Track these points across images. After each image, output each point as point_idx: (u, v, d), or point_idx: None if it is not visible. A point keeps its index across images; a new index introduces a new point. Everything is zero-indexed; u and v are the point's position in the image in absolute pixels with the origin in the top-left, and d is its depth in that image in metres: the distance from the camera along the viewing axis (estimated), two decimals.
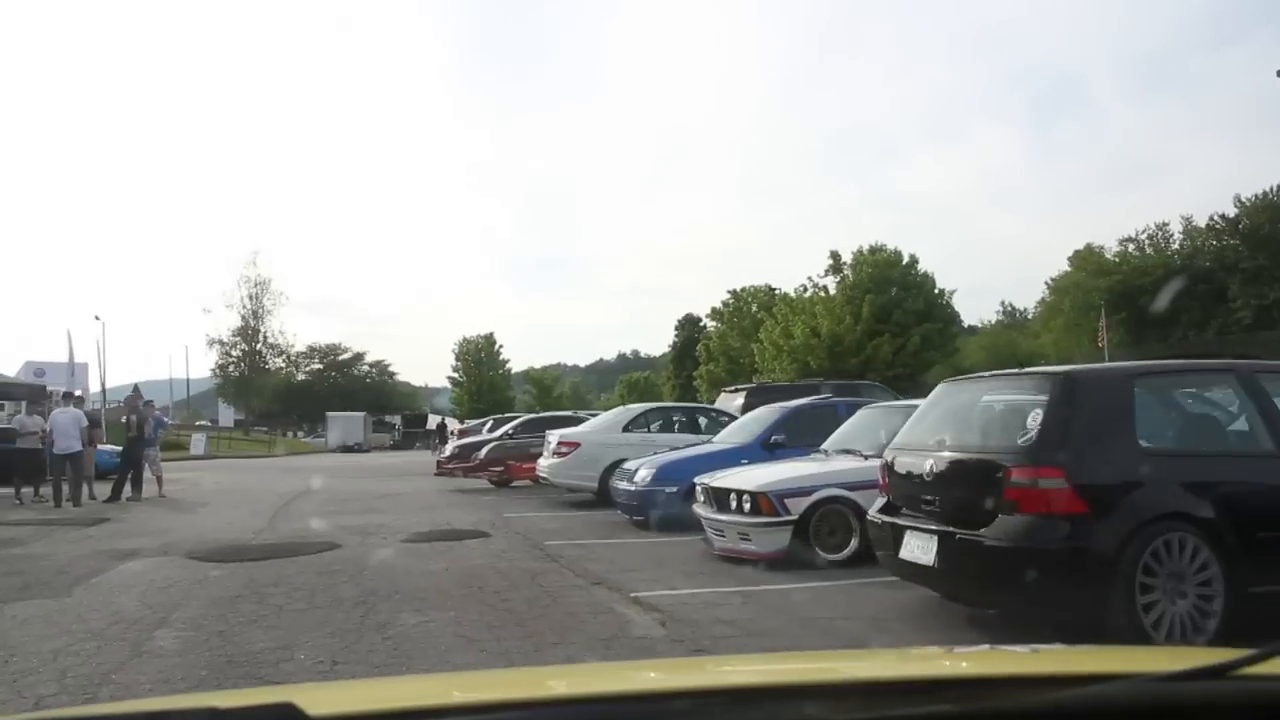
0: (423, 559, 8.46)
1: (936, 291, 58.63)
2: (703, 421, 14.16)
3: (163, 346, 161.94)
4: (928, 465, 5.32)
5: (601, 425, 13.91)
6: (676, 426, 14.18)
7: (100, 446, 18.10)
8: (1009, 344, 74.07)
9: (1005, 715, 1.06)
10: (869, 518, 5.95)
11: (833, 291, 58.40)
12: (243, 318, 57.72)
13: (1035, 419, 4.89)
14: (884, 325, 54.06)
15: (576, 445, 13.29)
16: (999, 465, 4.92)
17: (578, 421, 23.17)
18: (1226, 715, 1.04)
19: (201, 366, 62.92)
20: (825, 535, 7.66)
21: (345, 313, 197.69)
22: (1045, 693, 1.07)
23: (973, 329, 79.43)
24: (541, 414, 24.96)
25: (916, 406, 8.64)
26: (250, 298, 57.71)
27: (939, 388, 6.01)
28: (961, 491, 5.13)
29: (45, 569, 8.17)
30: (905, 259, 58.70)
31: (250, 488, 18.71)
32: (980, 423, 5.69)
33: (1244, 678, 1.04)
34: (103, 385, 55.46)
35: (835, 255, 59.84)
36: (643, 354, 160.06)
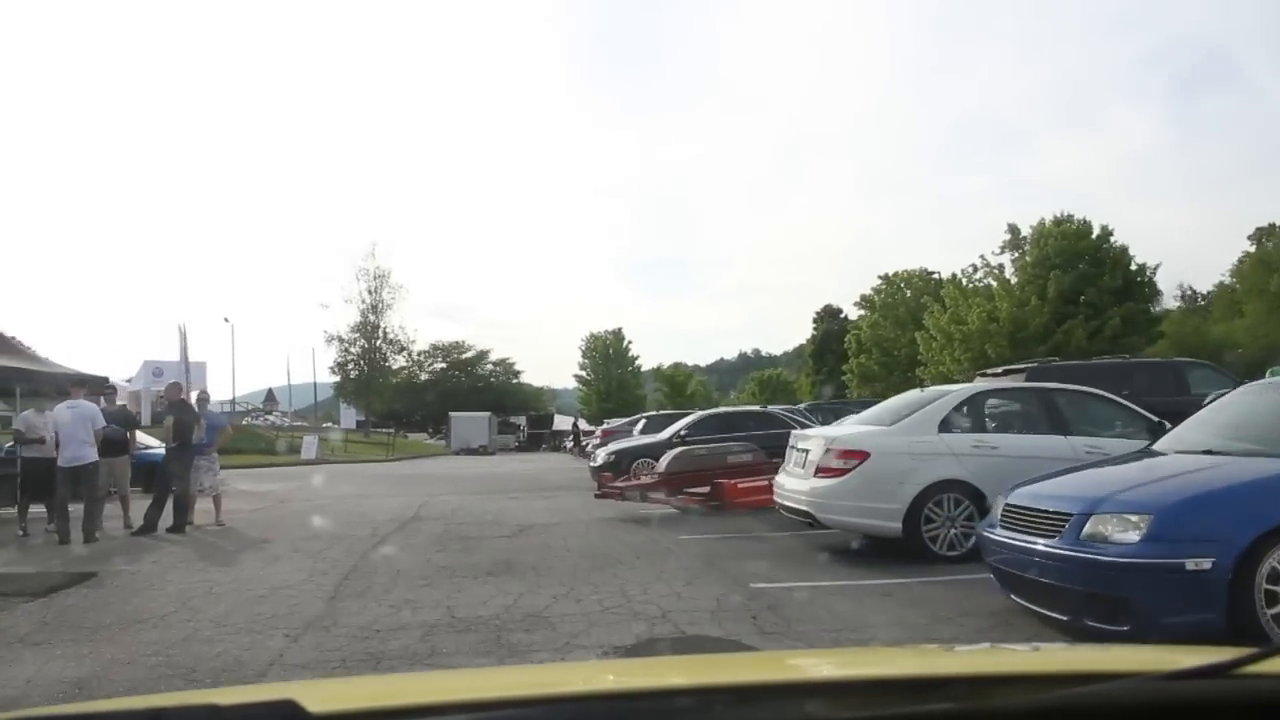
0: None
1: (1134, 267, 50.41)
2: (1068, 412, 8.13)
3: (291, 350, 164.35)
4: None
5: (897, 422, 7.97)
6: (1024, 422, 8.23)
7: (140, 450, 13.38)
8: (1195, 330, 65.13)
9: (1007, 714, 1.03)
10: None
11: (1010, 270, 50.99)
12: (361, 312, 53.93)
13: None
14: (1074, 307, 46.45)
15: (863, 457, 7.48)
16: None
17: (769, 418, 17.45)
18: (1228, 714, 1.00)
19: (328, 369, 59.56)
20: None
21: (472, 316, 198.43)
22: (1047, 691, 1.02)
23: None
24: (721, 409, 19.32)
25: None
26: (369, 291, 53.88)
27: None
28: None
29: None
30: (1096, 230, 50.64)
31: (343, 510, 13.73)
32: None
33: (1245, 676, 1.00)
34: (233, 388, 53.25)
35: (1013, 229, 52.08)
36: (764, 352, 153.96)
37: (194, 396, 13.84)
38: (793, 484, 8.21)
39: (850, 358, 61.21)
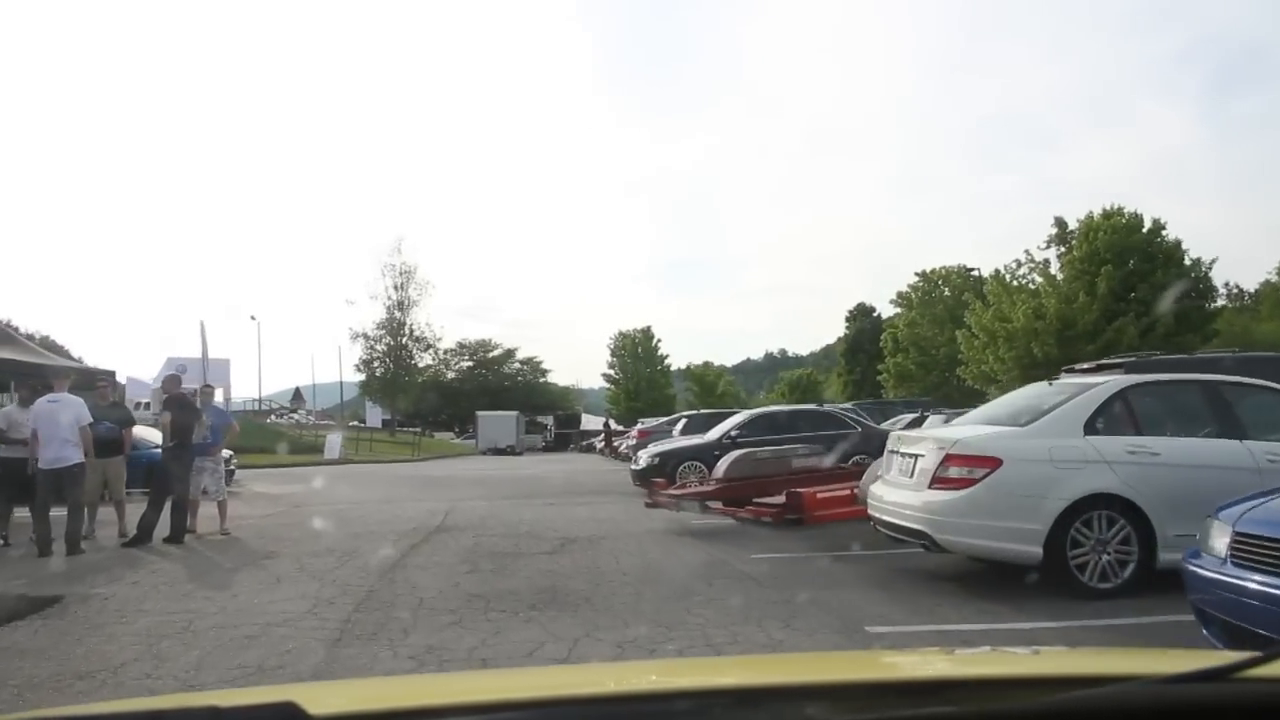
0: None
1: (1189, 262, 48.28)
2: (1240, 410, 6.61)
3: (317, 349, 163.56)
4: None
5: (1032, 422, 6.47)
6: (1182, 423, 6.73)
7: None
8: (1244, 329, 62.80)
9: (1007, 717, 1.01)
10: None
11: (1056, 266, 49.02)
12: (387, 309, 52.81)
13: None
14: (1124, 304, 44.39)
15: (994, 464, 6.02)
16: None
17: (828, 417, 15.99)
18: (1229, 718, 0.98)
19: (353, 367, 58.38)
20: None
21: (499, 316, 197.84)
22: (1048, 694, 1.01)
23: None
24: (774, 408, 17.99)
25: None
26: (395, 287, 52.73)
27: None
28: None
29: None
30: (1147, 224, 48.55)
31: (362, 516, 12.45)
32: None
33: (1247, 680, 0.97)
34: (259, 387, 52.29)
35: (1060, 222, 49.92)
36: (790, 353, 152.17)
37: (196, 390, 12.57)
38: (896, 496, 6.76)
39: (886, 357, 59.50)
